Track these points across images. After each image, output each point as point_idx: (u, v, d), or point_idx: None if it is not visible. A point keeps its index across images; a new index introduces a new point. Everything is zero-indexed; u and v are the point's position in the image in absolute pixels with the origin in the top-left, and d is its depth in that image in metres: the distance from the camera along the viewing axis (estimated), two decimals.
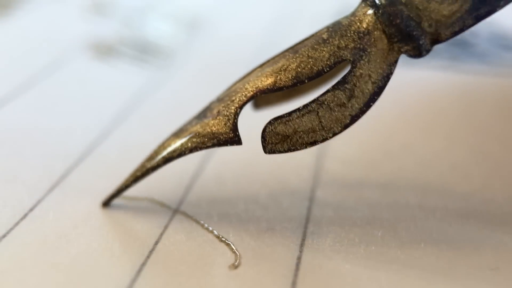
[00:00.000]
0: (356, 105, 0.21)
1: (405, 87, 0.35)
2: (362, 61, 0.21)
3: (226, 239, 0.22)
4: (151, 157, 0.23)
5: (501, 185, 0.26)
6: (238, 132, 0.22)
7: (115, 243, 0.22)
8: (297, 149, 0.21)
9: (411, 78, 0.36)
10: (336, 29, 0.22)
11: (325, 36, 0.22)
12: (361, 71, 0.21)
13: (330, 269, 0.21)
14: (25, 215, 0.23)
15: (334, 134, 0.21)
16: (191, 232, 0.22)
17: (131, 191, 0.24)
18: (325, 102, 0.21)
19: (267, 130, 0.21)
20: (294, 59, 0.21)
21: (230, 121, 0.22)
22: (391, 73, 0.21)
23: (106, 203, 0.24)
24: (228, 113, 0.22)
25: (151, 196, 0.24)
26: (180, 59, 0.38)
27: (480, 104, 0.34)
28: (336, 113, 0.21)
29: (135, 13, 0.43)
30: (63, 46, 0.37)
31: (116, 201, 0.24)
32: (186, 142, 0.22)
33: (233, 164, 0.27)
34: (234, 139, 0.22)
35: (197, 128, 0.22)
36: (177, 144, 0.23)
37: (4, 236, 0.22)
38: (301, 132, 0.21)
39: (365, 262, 0.21)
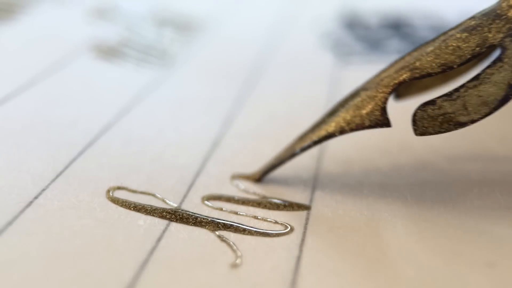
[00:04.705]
0: (504, 88, 0.22)
1: None
2: None
3: (227, 239, 0.22)
4: (301, 139, 0.25)
5: (498, 180, 0.27)
6: (388, 116, 0.24)
7: (119, 237, 0.22)
8: (447, 131, 0.23)
9: None
10: (485, 17, 0.22)
11: (473, 23, 0.23)
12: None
13: (329, 268, 0.21)
14: (30, 203, 0.23)
15: (484, 115, 0.22)
16: (192, 231, 0.23)
17: (134, 184, 0.25)
18: (473, 87, 0.22)
19: (418, 114, 0.23)
20: (441, 48, 0.23)
21: (380, 105, 0.23)
22: None
23: (259, 179, 0.26)
24: (378, 98, 0.23)
25: (153, 191, 0.25)
26: (181, 60, 0.38)
27: None
28: (483, 97, 0.22)
29: (137, 17, 0.44)
30: (68, 47, 0.38)
31: (120, 194, 0.24)
32: (336, 125, 0.24)
33: (233, 164, 0.27)
34: (384, 121, 0.24)
35: (346, 113, 0.24)
36: (327, 127, 0.24)
37: (10, 223, 0.22)
38: (450, 115, 0.23)
39: (364, 262, 0.22)
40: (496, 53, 0.23)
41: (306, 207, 0.24)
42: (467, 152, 0.29)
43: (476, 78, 0.22)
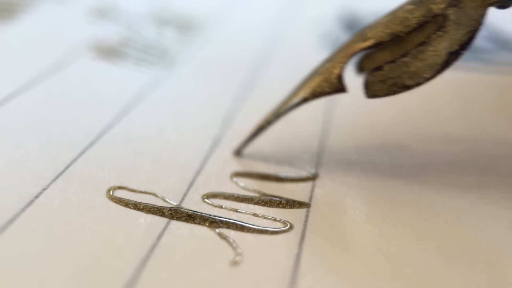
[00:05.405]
0: (444, 54, 0.24)
1: None
2: (455, 14, 0.24)
3: (227, 236, 0.22)
4: (275, 112, 0.27)
5: (497, 181, 0.27)
6: (344, 83, 0.25)
7: (119, 235, 0.22)
8: (394, 94, 0.25)
9: None
10: None
11: None
12: (453, 25, 0.24)
13: (329, 266, 0.21)
14: (31, 202, 0.23)
15: (428, 79, 0.24)
16: (193, 228, 0.23)
17: (134, 183, 0.25)
18: (418, 53, 0.24)
19: (369, 79, 0.25)
20: (391, 20, 0.25)
21: (338, 73, 0.25)
22: (482, 24, 0.24)
23: (238, 153, 0.28)
24: (336, 68, 0.25)
25: (154, 190, 0.25)
26: (181, 60, 0.38)
27: (476, 101, 0.34)
28: (427, 62, 0.24)
29: (137, 16, 0.44)
30: (68, 46, 0.38)
31: (121, 193, 0.24)
32: (301, 94, 0.26)
33: (233, 163, 0.27)
34: (340, 87, 0.25)
35: (311, 82, 0.26)
36: (293, 99, 0.26)
37: (10, 221, 0.22)
38: (397, 79, 0.24)
39: (363, 260, 0.22)
40: None
41: (306, 205, 0.25)
42: (466, 153, 0.29)
43: (420, 45, 0.24)
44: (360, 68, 0.28)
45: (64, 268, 0.20)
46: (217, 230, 0.23)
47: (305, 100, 0.26)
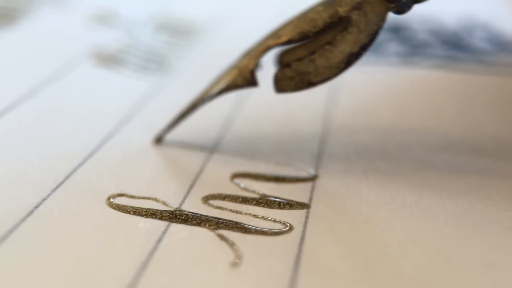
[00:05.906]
0: (347, 55, 0.25)
1: (401, 86, 0.35)
2: (358, 18, 0.25)
3: (227, 238, 0.22)
4: (194, 102, 0.28)
5: (496, 182, 0.27)
6: (255, 77, 0.27)
7: (119, 240, 0.22)
8: (300, 89, 0.26)
9: (407, 77, 0.37)
10: None
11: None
12: (355, 27, 0.25)
13: (329, 267, 0.21)
14: (31, 212, 0.23)
15: (331, 76, 0.25)
16: (193, 231, 0.23)
17: (134, 190, 0.25)
18: (323, 52, 0.25)
19: (278, 76, 0.26)
20: (301, 19, 0.26)
21: (250, 68, 0.26)
22: (381, 27, 0.25)
23: (159, 140, 0.29)
24: (251, 63, 0.27)
25: (154, 195, 0.25)
26: (181, 65, 0.38)
27: (476, 102, 0.34)
28: (330, 61, 0.25)
29: (137, 23, 0.44)
30: (68, 54, 0.38)
31: (121, 200, 0.24)
32: (220, 85, 0.27)
33: (232, 165, 0.27)
34: (251, 81, 0.27)
35: (225, 77, 0.27)
36: (212, 90, 0.28)
37: (10, 232, 0.22)
38: (303, 76, 0.26)
39: (363, 261, 0.22)
40: None
41: (306, 206, 0.25)
42: (466, 154, 0.29)
43: (327, 44, 0.25)
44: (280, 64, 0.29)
45: (65, 275, 0.20)
46: (217, 232, 0.23)
47: (221, 91, 0.27)
